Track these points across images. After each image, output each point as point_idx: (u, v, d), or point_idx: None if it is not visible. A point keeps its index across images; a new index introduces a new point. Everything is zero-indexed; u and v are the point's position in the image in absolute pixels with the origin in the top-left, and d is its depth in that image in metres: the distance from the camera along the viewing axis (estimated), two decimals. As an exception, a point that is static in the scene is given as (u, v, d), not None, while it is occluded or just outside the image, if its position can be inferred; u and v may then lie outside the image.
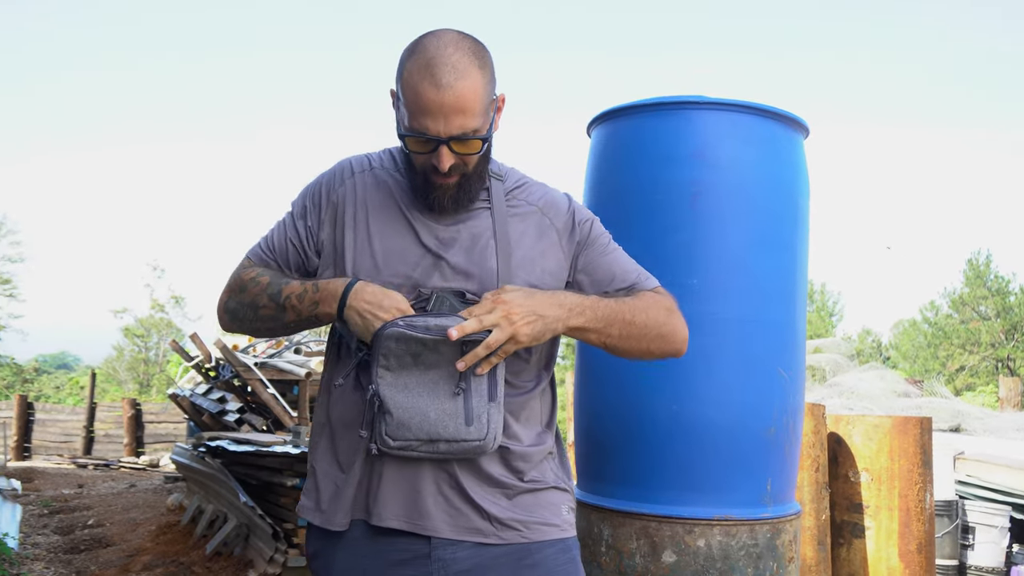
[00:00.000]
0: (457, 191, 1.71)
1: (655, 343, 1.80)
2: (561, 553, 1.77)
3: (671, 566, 2.74)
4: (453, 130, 1.62)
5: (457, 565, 1.70)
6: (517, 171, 1.89)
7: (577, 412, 3.12)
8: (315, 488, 1.79)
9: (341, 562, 1.76)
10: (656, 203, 2.85)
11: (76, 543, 7.65)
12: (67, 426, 19.86)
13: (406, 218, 1.76)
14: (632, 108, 2.96)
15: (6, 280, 33.75)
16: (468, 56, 1.64)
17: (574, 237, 1.83)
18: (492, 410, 1.64)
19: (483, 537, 1.71)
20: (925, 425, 4.50)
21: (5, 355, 34.89)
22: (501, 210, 1.78)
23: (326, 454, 1.80)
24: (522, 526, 1.73)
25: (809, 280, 3.20)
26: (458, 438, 1.62)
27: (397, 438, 1.63)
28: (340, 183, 1.82)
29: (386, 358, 1.63)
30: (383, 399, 1.62)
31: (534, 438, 1.79)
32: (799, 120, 2.97)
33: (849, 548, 4.48)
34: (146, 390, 34.76)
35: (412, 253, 1.74)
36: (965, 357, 30.23)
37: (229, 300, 1.85)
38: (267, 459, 6.33)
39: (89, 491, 11.57)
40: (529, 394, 1.79)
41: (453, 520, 1.71)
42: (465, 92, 1.61)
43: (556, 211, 1.84)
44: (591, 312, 1.71)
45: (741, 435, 2.78)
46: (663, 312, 1.80)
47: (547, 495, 1.79)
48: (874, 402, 7.98)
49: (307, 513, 1.80)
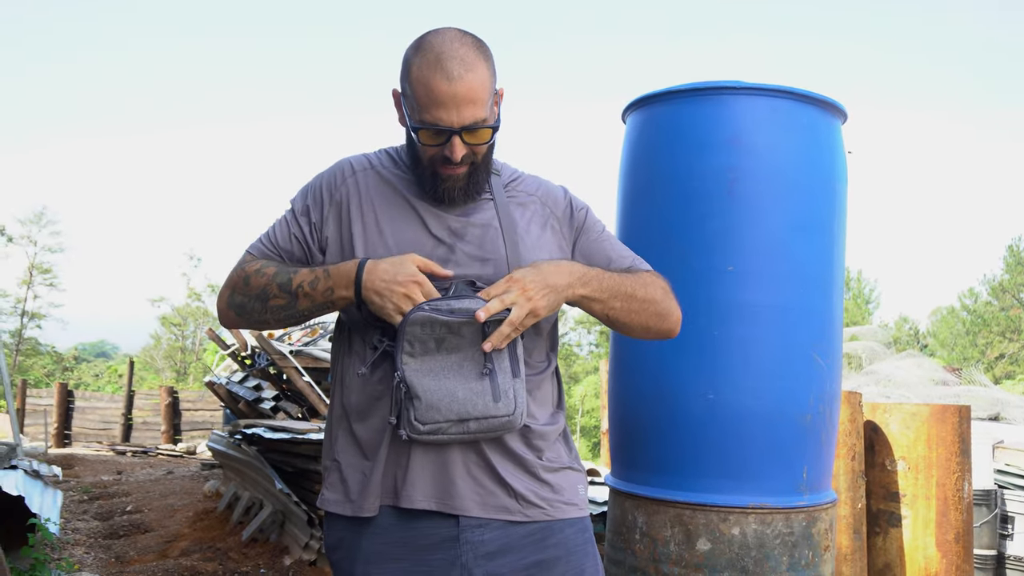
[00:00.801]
0: (467, 182, 1.77)
1: (653, 320, 1.87)
2: (580, 533, 1.84)
3: (705, 554, 2.73)
4: (465, 120, 1.68)
5: (485, 547, 1.74)
6: (509, 165, 1.96)
7: (612, 400, 3.12)
8: (340, 480, 1.81)
9: (368, 549, 1.77)
10: (692, 190, 2.84)
11: (115, 529, 7.74)
12: (106, 413, 20.14)
13: (415, 211, 1.80)
14: (668, 94, 2.94)
15: (47, 270, 34.30)
16: (473, 50, 1.70)
17: (572, 224, 1.91)
18: (517, 386, 1.68)
19: (509, 515, 1.75)
20: (963, 414, 4.45)
21: (46, 344, 35.48)
22: (503, 201, 1.84)
23: (348, 446, 1.82)
24: (546, 504, 1.79)
25: (846, 267, 3.17)
26: (488, 415, 1.66)
27: (427, 421, 1.65)
28: (341, 181, 1.85)
29: (410, 344, 1.66)
30: (410, 384, 1.65)
31: (548, 417, 1.85)
32: (837, 105, 2.94)
33: (885, 537, 4.44)
34: (183, 378, 35.21)
35: (425, 244, 1.77)
36: (1005, 345, 29.87)
37: (233, 296, 1.84)
38: (302, 446, 6.37)
39: (128, 478, 11.72)
40: (542, 375, 1.85)
41: (482, 499, 1.74)
42: (474, 83, 1.68)
43: (554, 200, 1.92)
44: (596, 282, 1.77)
45: (777, 423, 2.76)
46: (660, 291, 1.87)
47: (565, 474, 1.85)
48: (911, 390, 7.90)
49: (334, 506, 1.82)
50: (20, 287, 33.75)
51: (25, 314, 33.78)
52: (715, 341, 2.77)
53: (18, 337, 33.27)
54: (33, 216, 33.91)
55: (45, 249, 34.14)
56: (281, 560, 5.97)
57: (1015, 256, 31.32)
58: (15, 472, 5.73)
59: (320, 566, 5.84)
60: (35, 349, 34.87)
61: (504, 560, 1.74)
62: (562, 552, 1.78)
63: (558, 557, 1.78)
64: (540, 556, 1.77)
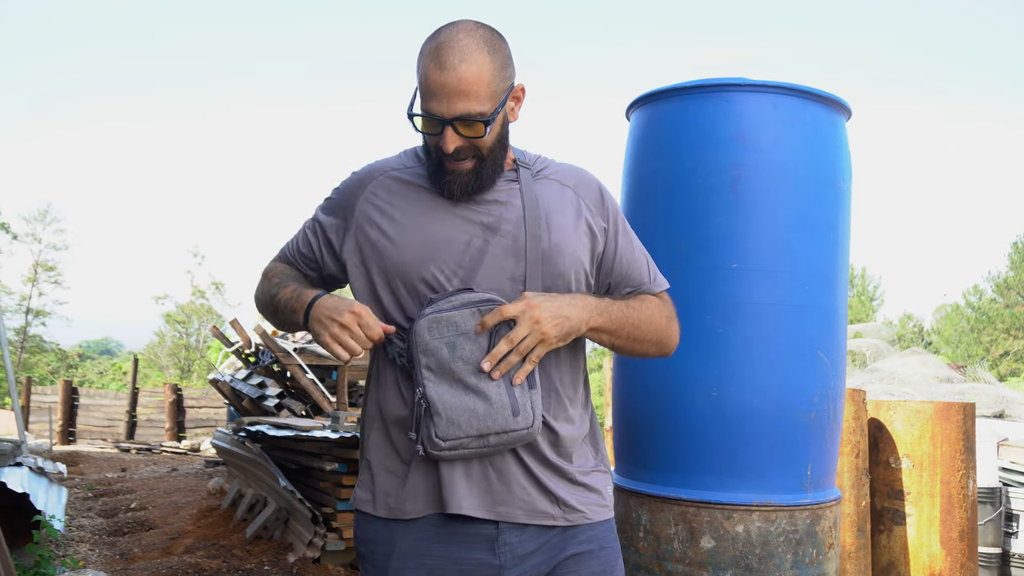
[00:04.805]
0: (471, 178, 1.75)
1: (651, 347, 1.92)
2: (609, 531, 1.88)
3: (709, 551, 2.73)
4: (456, 111, 1.67)
5: (523, 547, 1.77)
6: (543, 156, 1.94)
7: (615, 397, 3.11)
8: (371, 480, 1.83)
9: (403, 546, 1.78)
10: (696, 187, 2.83)
11: (119, 526, 7.76)
12: (110, 411, 20.18)
13: (444, 210, 1.79)
14: (672, 91, 2.94)
15: (51, 267, 34.36)
16: (478, 42, 1.69)
17: (605, 216, 1.89)
18: (534, 397, 1.71)
19: (552, 520, 1.79)
20: (968, 411, 4.44)
21: (50, 341, 35.53)
22: (533, 194, 1.82)
23: (382, 447, 1.83)
24: (585, 507, 1.83)
25: (850, 264, 3.16)
26: (507, 428, 1.68)
27: (448, 438, 1.67)
28: (363, 188, 1.87)
29: (426, 355, 1.68)
30: (431, 401, 1.67)
31: (579, 421, 1.87)
32: (841, 102, 2.93)
33: (889, 535, 4.43)
34: (187, 375, 35.24)
35: (457, 242, 1.77)
36: (1010, 342, 29.82)
37: (256, 292, 2.01)
38: (306, 444, 6.38)
39: (132, 475, 11.74)
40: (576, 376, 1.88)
41: (527, 505, 1.77)
42: (468, 75, 1.66)
43: (587, 190, 1.89)
44: (607, 315, 1.79)
45: (781, 420, 2.76)
46: (664, 320, 1.91)
47: (595, 476, 1.88)
48: (915, 388, 7.88)
49: (365, 505, 1.84)
50: (25, 284, 33.84)
51: (30, 311, 33.85)
52: (719, 339, 2.76)
53: (23, 334, 33.33)
54: (38, 214, 34.03)
55: (50, 247, 34.23)
56: (285, 557, 5.97)
57: (1020, 253, 31.26)
58: (20, 469, 5.74)
59: (324, 563, 5.84)
60: (40, 346, 34.94)
61: (539, 560, 1.78)
62: (595, 547, 1.83)
63: (591, 552, 1.83)
64: (573, 551, 1.81)
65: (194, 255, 42.60)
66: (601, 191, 1.91)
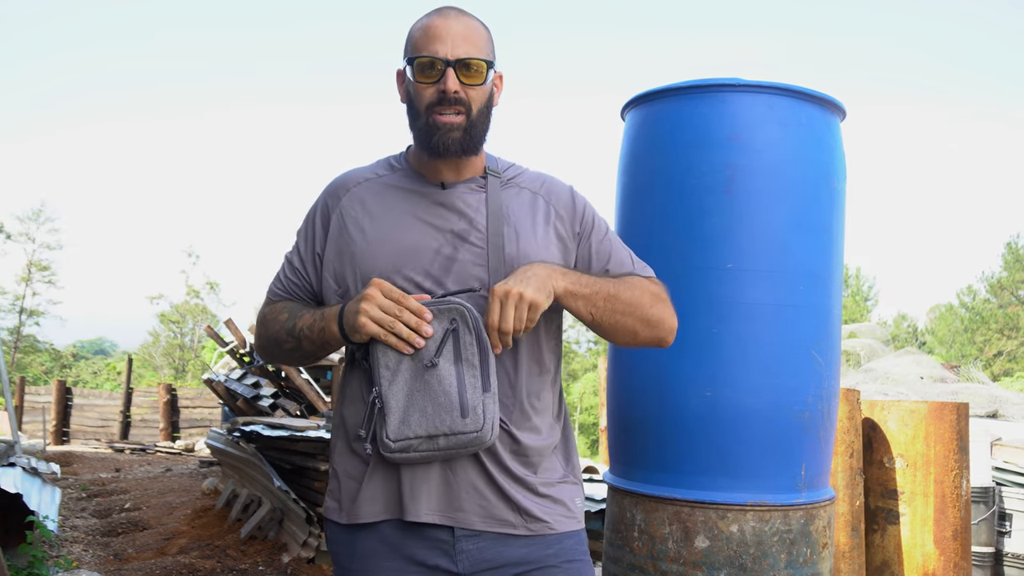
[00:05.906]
0: (463, 134, 1.76)
1: (641, 326, 1.83)
2: (579, 544, 1.85)
3: (704, 551, 2.73)
4: (459, 53, 1.73)
5: (481, 553, 1.75)
6: (516, 164, 1.95)
7: (610, 397, 3.11)
8: (338, 488, 1.84)
9: (361, 550, 1.79)
10: (691, 187, 2.83)
11: (113, 526, 7.75)
12: (104, 411, 20.14)
13: (414, 218, 1.80)
14: (667, 91, 2.94)
15: (45, 267, 34.30)
16: (472, 16, 1.80)
17: (576, 220, 1.88)
18: (487, 401, 1.67)
19: (512, 528, 1.76)
20: (962, 411, 4.45)
21: (44, 341, 35.46)
22: (498, 202, 1.82)
23: (345, 455, 1.84)
24: (548, 517, 1.79)
25: (845, 264, 3.16)
26: (455, 430, 1.66)
27: (398, 438, 1.67)
28: (337, 199, 1.87)
29: (384, 354, 1.68)
30: (385, 400, 1.67)
31: (547, 431, 1.84)
32: (836, 102, 2.93)
33: (883, 534, 4.44)
34: (181, 375, 35.20)
35: (428, 249, 1.78)
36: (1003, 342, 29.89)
37: (259, 339, 1.97)
38: (301, 444, 6.37)
39: (126, 475, 11.72)
40: (542, 382, 1.85)
41: (485, 511, 1.75)
42: (471, 26, 1.76)
43: (558, 197, 1.89)
44: (575, 276, 1.76)
45: (775, 420, 2.76)
46: (648, 295, 1.83)
47: (562, 488, 1.85)
48: (909, 387, 7.90)
49: (333, 514, 1.85)
50: (19, 284, 33.78)
51: (24, 311, 33.79)
52: (713, 338, 2.77)
53: (16, 334, 33.27)
54: (32, 213, 33.97)
55: (43, 246, 34.16)
56: (279, 557, 5.97)
57: (1014, 253, 31.34)
58: (13, 470, 5.73)
59: (319, 563, 5.84)
60: (33, 346, 34.89)
61: (502, 570, 1.76)
62: (561, 560, 1.79)
63: (556, 566, 1.79)
64: (539, 564, 1.77)
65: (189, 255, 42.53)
66: (572, 196, 1.90)
